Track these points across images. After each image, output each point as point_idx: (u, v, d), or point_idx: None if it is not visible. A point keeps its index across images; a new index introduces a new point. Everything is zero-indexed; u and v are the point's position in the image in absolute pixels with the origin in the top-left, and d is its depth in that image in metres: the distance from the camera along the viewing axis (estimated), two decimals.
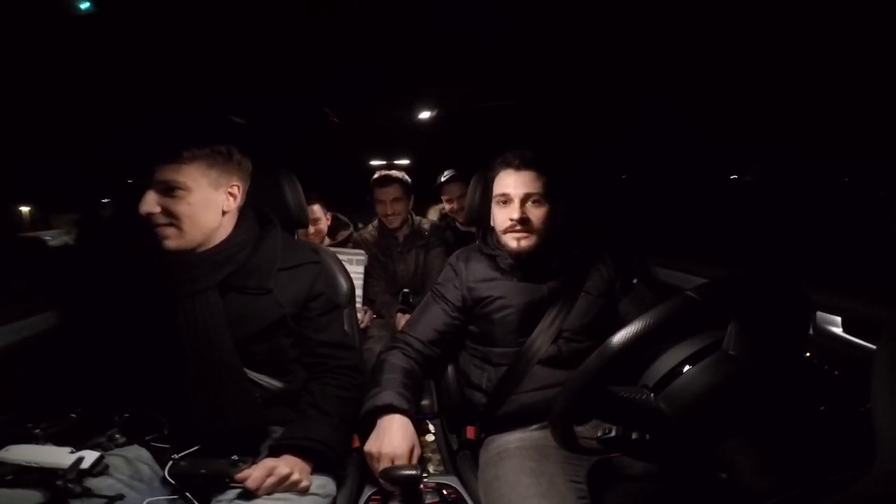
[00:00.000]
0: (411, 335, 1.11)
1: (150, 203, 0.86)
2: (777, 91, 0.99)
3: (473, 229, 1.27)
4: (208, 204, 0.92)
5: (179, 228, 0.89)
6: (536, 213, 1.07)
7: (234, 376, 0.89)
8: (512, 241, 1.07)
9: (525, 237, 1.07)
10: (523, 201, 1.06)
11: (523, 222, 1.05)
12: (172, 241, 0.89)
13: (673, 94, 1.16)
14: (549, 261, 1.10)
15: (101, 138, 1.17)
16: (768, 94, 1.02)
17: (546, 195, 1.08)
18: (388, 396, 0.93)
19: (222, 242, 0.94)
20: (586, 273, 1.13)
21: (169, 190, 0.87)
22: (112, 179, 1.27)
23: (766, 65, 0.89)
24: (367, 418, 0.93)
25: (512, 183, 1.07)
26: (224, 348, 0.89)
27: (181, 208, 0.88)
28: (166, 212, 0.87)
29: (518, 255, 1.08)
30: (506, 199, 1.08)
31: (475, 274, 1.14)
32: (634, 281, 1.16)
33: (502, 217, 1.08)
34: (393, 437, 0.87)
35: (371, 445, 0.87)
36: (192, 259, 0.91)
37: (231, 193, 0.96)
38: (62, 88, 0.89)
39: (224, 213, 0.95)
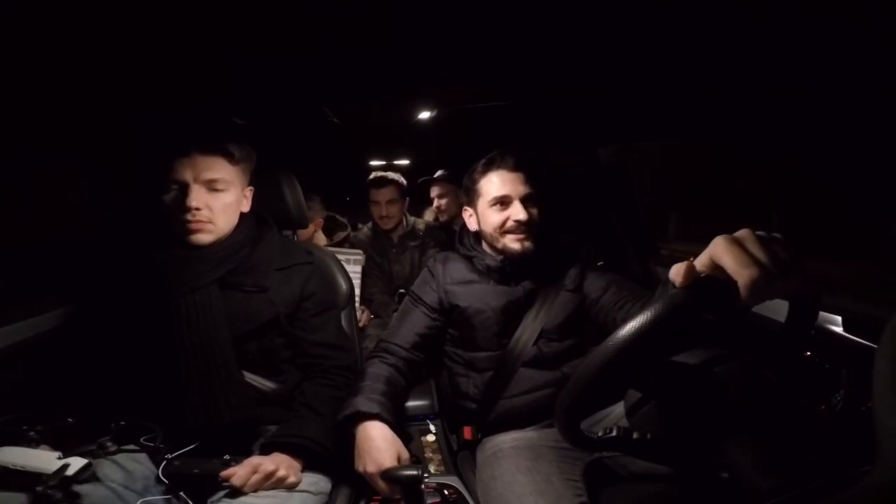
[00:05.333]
0: (392, 342, 1.10)
1: (199, 198, 0.91)
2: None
3: None
4: (236, 203, 0.99)
5: (214, 224, 0.94)
6: (535, 212, 1.07)
7: (230, 371, 0.90)
8: (515, 244, 1.06)
9: (526, 238, 1.06)
10: (524, 201, 1.05)
11: (528, 223, 1.05)
12: (206, 235, 0.93)
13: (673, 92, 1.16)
14: (530, 261, 1.09)
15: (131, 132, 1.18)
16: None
17: (539, 194, 1.08)
18: (356, 403, 0.92)
19: (225, 239, 0.97)
20: (561, 270, 1.12)
21: (214, 187, 0.93)
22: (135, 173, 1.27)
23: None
24: (343, 431, 0.92)
25: (510, 184, 1.06)
26: (222, 343, 0.90)
27: (219, 206, 0.94)
28: (208, 207, 0.92)
29: (521, 256, 1.07)
30: (505, 201, 1.06)
31: (452, 275, 1.13)
32: (600, 263, 1.15)
33: (499, 219, 1.06)
34: (371, 450, 0.86)
35: (358, 466, 0.87)
36: (197, 255, 0.94)
37: (246, 196, 1.02)
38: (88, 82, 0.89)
39: (241, 213, 1.01)
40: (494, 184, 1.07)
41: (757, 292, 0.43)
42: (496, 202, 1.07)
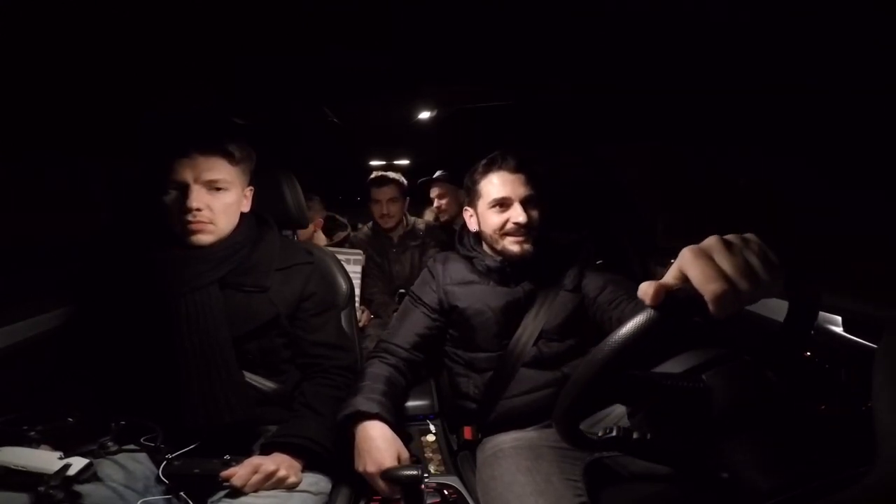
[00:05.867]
0: (392, 343, 1.10)
1: (200, 199, 0.91)
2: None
3: None
4: (237, 204, 0.99)
5: (215, 224, 0.94)
6: (535, 214, 1.06)
7: (230, 371, 0.90)
8: (514, 246, 1.05)
9: (526, 240, 1.05)
10: (524, 203, 1.05)
11: (527, 226, 1.04)
12: (207, 236, 0.93)
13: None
14: (530, 262, 1.08)
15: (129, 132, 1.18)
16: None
17: (540, 196, 1.07)
18: (356, 403, 0.92)
19: (226, 239, 0.97)
20: (560, 270, 1.11)
21: (215, 188, 0.93)
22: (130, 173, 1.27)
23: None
24: (343, 431, 0.92)
25: (510, 185, 1.05)
26: (222, 343, 0.90)
27: (220, 206, 0.94)
28: (209, 208, 0.92)
29: (520, 258, 1.06)
30: (505, 203, 1.05)
31: (452, 276, 1.13)
32: (598, 262, 1.15)
33: (499, 220, 1.06)
34: (371, 450, 0.86)
35: (358, 466, 0.87)
36: (198, 255, 0.93)
37: (246, 196, 1.02)
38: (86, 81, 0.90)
39: (241, 213, 1.01)
40: (495, 185, 1.06)
41: (725, 306, 0.41)
42: (496, 204, 1.06)
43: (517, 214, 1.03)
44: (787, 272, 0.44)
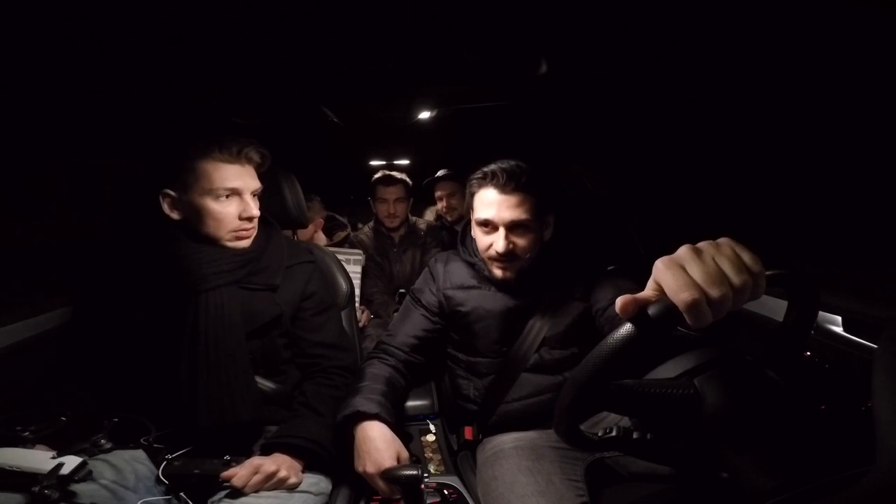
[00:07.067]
0: (391, 344, 1.09)
1: (256, 207, 0.96)
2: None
3: None
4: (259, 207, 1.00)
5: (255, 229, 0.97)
6: (522, 242, 0.98)
7: (244, 370, 0.90)
8: (497, 270, 1.02)
9: (508, 268, 1.01)
10: (509, 230, 0.97)
11: (509, 254, 0.97)
12: (249, 241, 0.98)
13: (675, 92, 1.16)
14: (532, 275, 1.05)
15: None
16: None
17: (533, 220, 0.97)
18: (356, 403, 0.91)
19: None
20: (566, 277, 1.07)
21: (255, 195, 0.97)
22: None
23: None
24: (342, 431, 0.91)
25: (496, 208, 0.96)
26: (238, 342, 0.90)
27: (256, 211, 0.97)
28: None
29: (503, 283, 1.04)
30: (488, 224, 0.98)
31: (453, 279, 1.10)
32: (610, 268, 1.09)
33: (484, 243, 1.00)
34: (371, 450, 0.86)
35: (357, 466, 0.86)
36: (216, 255, 0.93)
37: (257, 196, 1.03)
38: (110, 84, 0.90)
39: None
40: (483, 203, 0.98)
41: (700, 314, 0.40)
42: (481, 224, 1.00)
43: (498, 241, 0.96)
44: (771, 273, 0.43)
